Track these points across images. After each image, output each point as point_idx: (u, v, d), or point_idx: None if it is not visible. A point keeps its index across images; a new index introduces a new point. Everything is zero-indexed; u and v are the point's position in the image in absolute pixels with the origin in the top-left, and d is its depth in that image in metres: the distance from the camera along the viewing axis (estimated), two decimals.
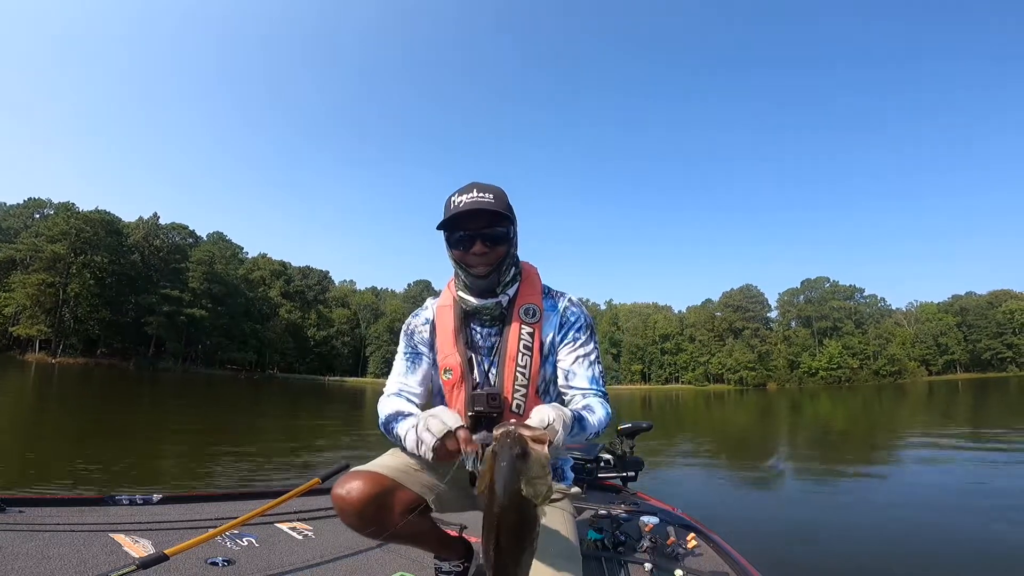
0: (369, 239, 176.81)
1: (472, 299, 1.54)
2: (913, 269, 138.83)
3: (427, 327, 1.66)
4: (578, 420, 1.35)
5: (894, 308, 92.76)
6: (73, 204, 64.41)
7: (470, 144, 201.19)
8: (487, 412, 1.46)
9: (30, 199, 68.21)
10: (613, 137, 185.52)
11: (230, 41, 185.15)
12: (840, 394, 44.74)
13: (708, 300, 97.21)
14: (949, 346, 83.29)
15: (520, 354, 1.51)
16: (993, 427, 13.67)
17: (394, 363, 1.68)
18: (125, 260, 64.66)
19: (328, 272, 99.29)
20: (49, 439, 9.04)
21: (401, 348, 1.68)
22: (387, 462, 1.50)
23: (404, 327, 1.69)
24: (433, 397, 1.67)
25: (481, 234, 1.46)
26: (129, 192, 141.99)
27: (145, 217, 70.65)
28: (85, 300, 60.73)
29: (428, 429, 1.25)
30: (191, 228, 77.07)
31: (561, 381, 1.58)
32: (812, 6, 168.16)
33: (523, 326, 1.53)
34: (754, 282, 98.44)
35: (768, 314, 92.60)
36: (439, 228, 1.51)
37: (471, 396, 1.48)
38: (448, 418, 1.25)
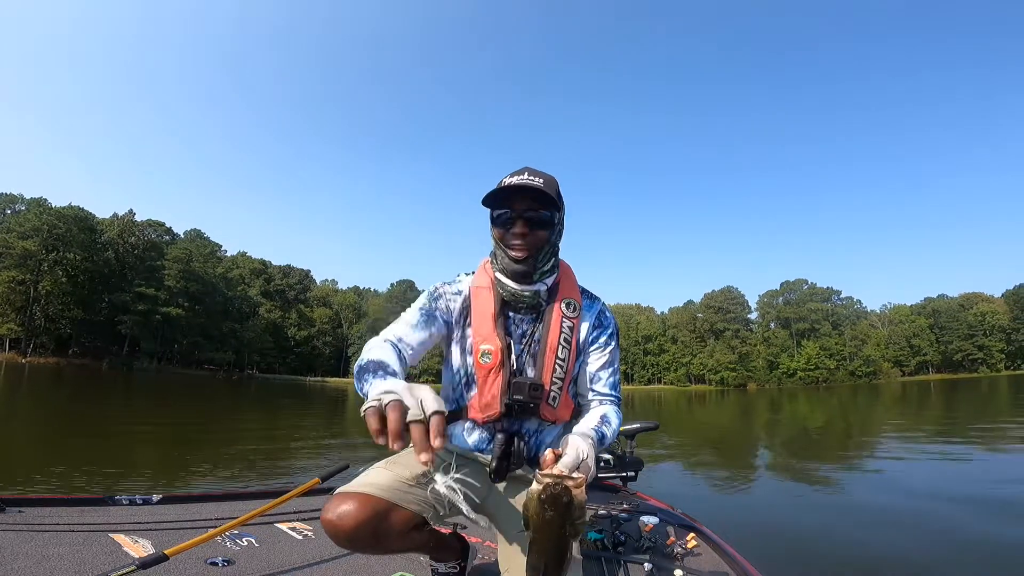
0: (352, 238, 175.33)
1: (511, 283, 1.49)
2: (887, 272, 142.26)
3: (458, 299, 1.56)
4: (599, 440, 1.35)
5: (869, 310, 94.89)
6: (46, 200, 62.76)
7: (459, 138, 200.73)
8: (527, 401, 1.42)
9: (1, 195, 66.22)
10: (600, 136, 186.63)
11: (214, 33, 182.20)
12: (818, 394, 45.51)
13: (690, 301, 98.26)
14: (922, 347, 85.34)
15: (560, 346, 1.48)
16: (978, 427, 14.02)
17: (404, 312, 1.52)
18: (99, 257, 63.15)
19: (309, 271, 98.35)
20: (27, 439, 8.82)
21: (418, 303, 1.54)
22: (379, 480, 1.40)
23: (431, 288, 1.57)
24: (458, 384, 1.57)
25: (524, 215, 1.43)
26: (104, 188, 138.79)
27: (120, 213, 69.16)
28: (57, 298, 59.22)
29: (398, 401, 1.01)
30: (168, 225, 75.70)
31: (585, 383, 1.58)
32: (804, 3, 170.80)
33: (564, 319, 1.50)
34: (735, 284, 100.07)
35: (748, 315, 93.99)
36: (484, 203, 1.46)
37: (511, 383, 1.43)
38: (429, 401, 1.01)
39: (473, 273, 1.61)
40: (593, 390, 1.57)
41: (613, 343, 1.59)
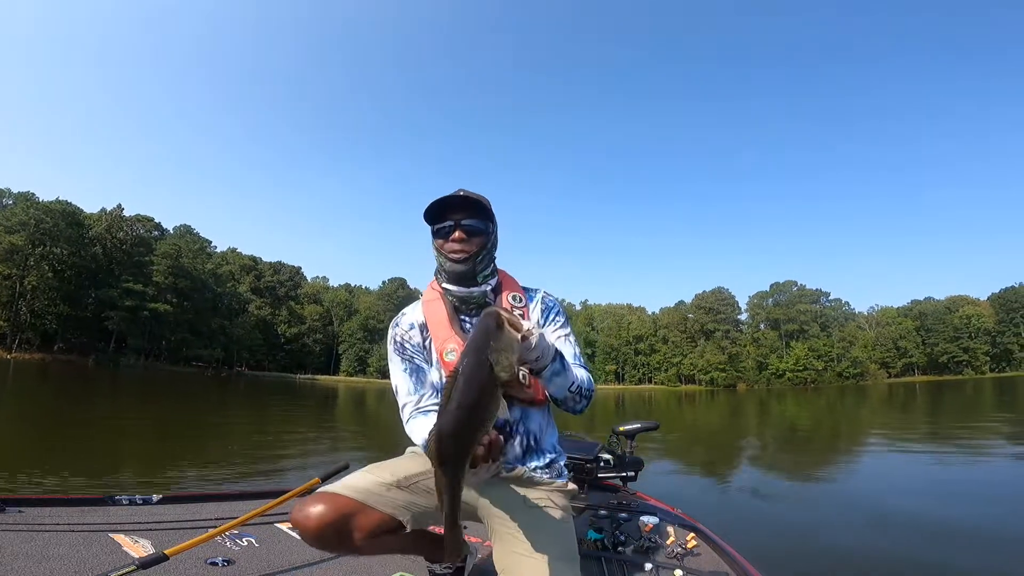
0: (344, 235, 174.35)
1: (458, 288, 1.59)
2: (875, 274, 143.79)
3: (415, 331, 1.64)
4: (561, 359, 1.40)
5: (857, 312, 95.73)
6: (33, 194, 61.95)
7: (450, 136, 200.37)
8: None
9: None
10: (592, 137, 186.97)
11: (206, 24, 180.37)
12: (806, 395, 45.95)
13: (681, 302, 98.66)
14: (908, 349, 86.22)
15: None
16: (964, 429, 14.22)
17: (396, 383, 1.61)
18: (86, 252, 62.31)
19: (300, 268, 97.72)
20: (15, 437, 8.71)
21: (399, 366, 1.62)
22: (356, 482, 1.45)
23: (391, 340, 1.65)
24: (440, 396, 1.63)
25: (461, 224, 1.56)
26: (93, 182, 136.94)
27: (108, 208, 68.31)
28: (43, 293, 58.43)
29: None
30: (157, 220, 74.85)
31: None
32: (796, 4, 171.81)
33: (515, 309, 1.58)
34: (725, 285, 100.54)
35: (738, 316, 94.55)
36: (425, 219, 1.60)
37: None
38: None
39: (418, 299, 1.72)
40: None
41: (562, 319, 1.67)
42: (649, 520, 2.37)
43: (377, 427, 15.36)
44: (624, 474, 2.81)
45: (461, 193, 1.56)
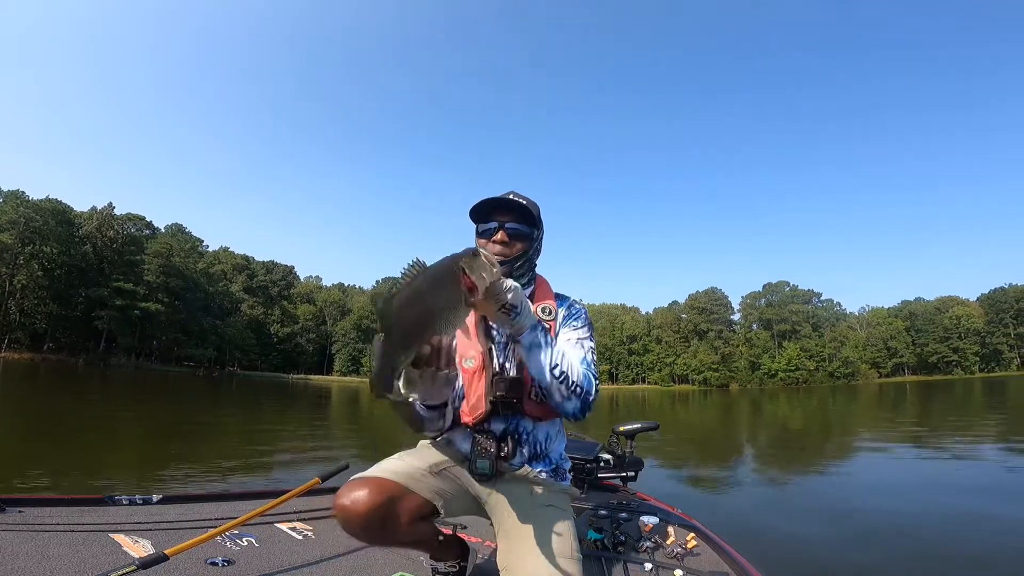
0: (338, 235, 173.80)
1: None
2: (866, 275, 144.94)
3: None
4: (544, 334, 1.40)
5: (848, 312, 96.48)
6: (23, 192, 61.34)
7: (446, 135, 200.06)
8: (508, 397, 1.51)
9: None
10: (588, 136, 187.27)
11: (202, 20, 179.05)
12: (799, 395, 46.13)
13: (675, 302, 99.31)
14: (898, 349, 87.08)
15: None
16: (957, 429, 14.33)
17: None
18: (76, 251, 61.78)
19: (293, 267, 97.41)
20: (9, 438, 8.62)
21: None
22: (392, 466, 1.47)
23: None
24: (455, 402, 1.62)
25: (505, 227, 1.57)
26: (84, 180, 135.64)
27: (99, 207, 67.73)
28: (32, 292, 57.96)
29: None
30: (148, 219, 74.43)
31: None
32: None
33: (543, 322, 1.57)
34: (718, 285, 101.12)
35: (731, 317, 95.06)
36: (471, 216, 1.61)
37: (493, 381, 1.51)
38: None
39: None
40: None
41: (581, 323, 1.65)
42: (649, 520, 2.38)
43: (373, 427, 15.30)
44: (624, 474, 2.82)
45: (511, 195, 1.58)
